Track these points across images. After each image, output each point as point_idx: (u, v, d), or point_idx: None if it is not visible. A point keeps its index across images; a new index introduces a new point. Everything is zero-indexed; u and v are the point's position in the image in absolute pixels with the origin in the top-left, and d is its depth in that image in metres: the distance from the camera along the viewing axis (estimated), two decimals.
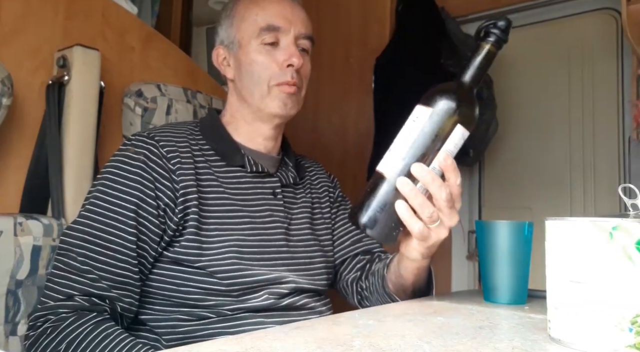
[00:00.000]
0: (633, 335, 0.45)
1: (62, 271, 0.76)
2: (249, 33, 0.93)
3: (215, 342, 0.49)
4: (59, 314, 0.74)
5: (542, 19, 1.97)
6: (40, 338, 0.73)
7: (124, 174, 0.83)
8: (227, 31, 0.96)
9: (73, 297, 0.75)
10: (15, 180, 1.00)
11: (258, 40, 0.92)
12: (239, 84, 0.96)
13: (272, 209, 0.93)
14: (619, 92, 1.85)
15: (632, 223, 0.46)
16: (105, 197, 0.81)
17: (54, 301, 0.75)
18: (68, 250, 0.77)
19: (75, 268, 0.76)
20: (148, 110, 1.12)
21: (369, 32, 1.99)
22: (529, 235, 0.79)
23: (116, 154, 0.87)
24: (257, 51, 0.92)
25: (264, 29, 0.92)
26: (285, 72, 0.91)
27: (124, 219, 0.79)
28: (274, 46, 0.92)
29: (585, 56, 1.94)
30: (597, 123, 1.91)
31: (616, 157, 1.84)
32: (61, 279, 0.76)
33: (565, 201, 1.93)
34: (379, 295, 0.95)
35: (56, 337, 0.71)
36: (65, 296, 0.75)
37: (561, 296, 0.50)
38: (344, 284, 1.05)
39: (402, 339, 0.52)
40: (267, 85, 0.92)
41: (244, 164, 0.93)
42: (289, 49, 0.92)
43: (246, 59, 0.93)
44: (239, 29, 0.94)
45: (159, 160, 0.85)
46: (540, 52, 2.01)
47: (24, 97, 1.01)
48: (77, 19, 1.10)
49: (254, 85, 0.93)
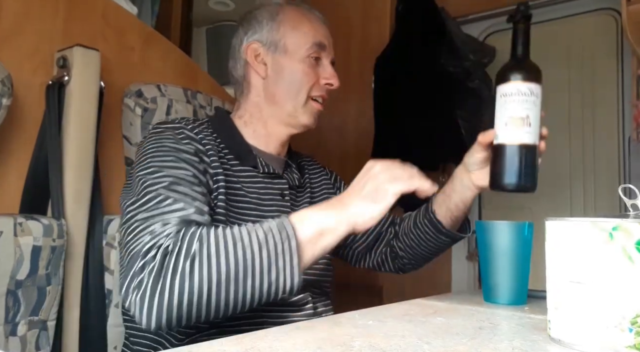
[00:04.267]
0: (633, 335, 0.45)
1: (154, 209, 0.74)
2: (301, 43, 0.98)
3: (215, 343, 0.50)
4: (175, 234, 0.70)
5: (542, 19, 1.97)
6: (175, 253, 0.68)
7: (172, 140, 0.85)
8: (271, 33, 1.00)
9: (180, 224, 0.73)
10: (15, 180, 1.00)
11: (307, 52, 0.98)
12: (272, 86, 0.99)
13: (280, 210, 0.96)
14: (619, 92, 1.85)
15: (632, 223, 0.46)
16: (164, 156, 0.82)
17: (157, 233, 0.71)
18: (152, 198, 0.76)
19: (166, 204, 0.75)
20: (148, 110, 1.12)
21: (369, 32, 1.99)
22: (529, 235, 0.79)
23: (151, 135, 0.88)
24: (305, 62, 0.98)
25: (316, 43, 0.99)
26: (322, 88, 1.00)
27: (189, 166, 0.82)
28: (317, 62, 1.00)
29: (585, 56, 1.94)
30: (597, 123, 1.91)
31: (616, 157, 1.84)
32: (156, 216, 0.74)
33: (565, 201, 1.93)
34: (431, 238, 1.04)
35: (204, 241, 0.68)
36: (170, 223, 0.72)
37: (561, 296, 0.50)
38: (377, 259, 1.14)
39: (402, 340, 0.52)
40: (307, 95, 0.98)
41: (256, 164, 0.95)
42: (330, 69, 1.01)
43: (291, 66, 0.98)
44: (286, 35, 0.99)
45: (197, 144, 0.88)
46: (540, 52, 2.01)
47: (24, 97, 1.01)
48: (77, 19, 1.10)
49: (293, 92, 0.97)
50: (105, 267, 1.04)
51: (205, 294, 0.66)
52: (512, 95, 0.81)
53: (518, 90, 0.81)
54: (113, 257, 1.05)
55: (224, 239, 0.69)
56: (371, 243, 1.14)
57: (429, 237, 1.04)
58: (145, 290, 0.66)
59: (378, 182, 0.78)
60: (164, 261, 0.67)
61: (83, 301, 1.01)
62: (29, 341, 0.90)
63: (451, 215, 1.01)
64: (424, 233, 1.04)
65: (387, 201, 0.76)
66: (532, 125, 0.81)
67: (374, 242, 1.14)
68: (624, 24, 1.31)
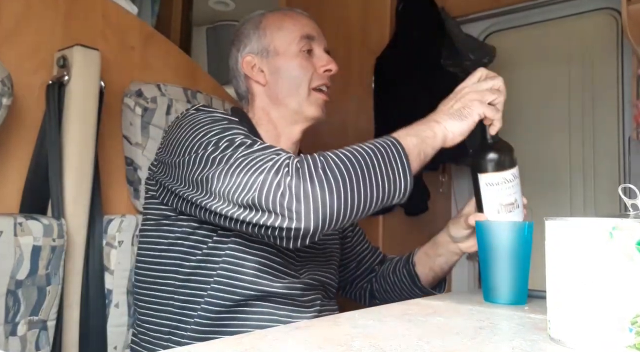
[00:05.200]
0: (633, 335, 0.45)
1: (251, 147, 0.78)
2: (288, 40, 1.00)
3: (215, 343, 0.49)
4: (294, 157, 0.76)
5: (542, 19, 1.97)
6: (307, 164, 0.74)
7: (218, 114, 0.87)
8: (259, 41, 1.02)
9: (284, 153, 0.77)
10: (15, 180, 1.00)
11: (297, 47, 1.00)
12: (274, 89, 1.00)
13: None
14: (619, 92, 1.85)
15: (632, 223, 0.46)
16: (221, 123, 0.84)
17: (274, 157, 0.75)
18: (249, 145, 0.79)
19: (267, 146, 0.79)
20: (148, 110, 1.12)
21: (369, 32, 1.99)
22: (529, 235, 0.79)
23: (195, 113, 0.88)
24: (298, 56, 1.00)
25: (303, 36, 1.01)
26: (322, 76, 1.01)
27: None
28: (310, 54, 1.01)
29: (585, 56, 1.94)
30: (597, 123, 1.91)
31: (616, 157, 1.84)
32: (260, 150, 0.77)
33: (565, 201, 1.93)
34: (405, 288, 1.08)
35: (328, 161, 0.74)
36: (277, 154, 0.76)
37: (561, 296, 0.50)
38: (356, 292, 1.19)
39: (402, 339, 0.52)
40: (308, 87, 0.99)
41: None
42: (325, 57, 1.02)
43: (286, 64, 1.00)
44: (274, 38, 1.01)
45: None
46: (540, 52, 2.01)
47: (24, 97, 1.01)
48: (77, 19, 1.10)
49: (294, 88, 0.99)
50: (105, 267, 1.04)
51: (342, 195, 0.72)
52: (500, 184, 0.86)
53: (504, 179, 0.86)
54: (113, 257, 1.05)
55: (338, 155, 0.76)
56: (357, 275, 1.17)
57: (404, 286, 1.09)
58: (291, 193, 0.71)
59: (465, 101, 0.84)
60: (299, 172, 0.72)
61: (83, 301, 1.01)
62: (29, 340, 0.90)
63: (434, 275, 1.07)
64: (400, 282, 1.09)
65: (472, 118, 0.83)
66: (519, 205, 0.87)
67: (360, 274, 1.17)
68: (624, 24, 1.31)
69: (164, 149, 0.89)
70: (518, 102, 2.03)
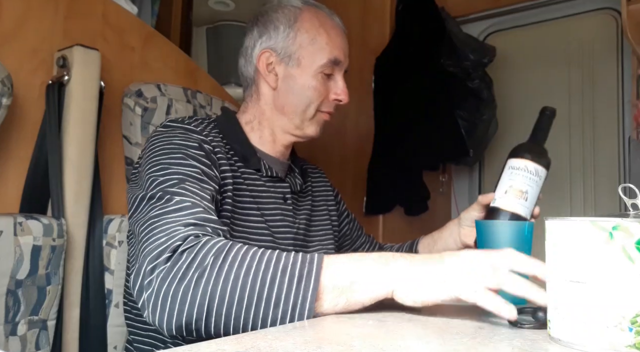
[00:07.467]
0: (633, 335, 0.45)
1: (165, 207, 0.72)
2: (316, 59, 0.96)
3: (215, 342, 0.49)
4: (195, 239, 0.66)
5: (542, 19, 1.97)
6: (190, 259, 0.64)
7: (180, 138, 0.84)
8: (286, 41, 0.96)
9: (195, 225, 0.70)
10: (15, 180, 1.00)
11: (321, 68, 0.96)
12: (282, 97, 0.97)
13: (283, 213, 0.96)
14: (619, 92, 1.85)
15: (632, 223, 0.46)
16: (173, 153, 0.81)
17: (172, 234, 0.67)
18: (162, 195, 0.74)
19: (176, 201, 0.73)
20: (148, 110, 1.12)
21: (369, 32, 1.99)
22: (529, 235, 0.79)
23: (160, 132, 0.86)
24: (316, 78, 0.96)
25: (331, 60, 0.97)
26: (331, 103, 1.00)
27: (198, 163, 0.81)
28: (329, 76, 0.98)
29: (585, 56, 1.94)
30: (597, 123, 1.91)
31: (616, 157, 1.84)
32: (170, 213, 0.71)
33: (565, 200, 1.93)
34: None
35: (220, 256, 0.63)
36: (184, 226, 0.69)
37: (561, 296, 0.50)
38: None
39: (402, 339, 0.52)
40: (315, 110, 0.97)
41: (260, 168, 0.95)
42: (341, 84, 1.00)
43: (302, 81, 0.96)
44: (302, 47, 0.96)
45: (206, 145, 0.86)
46: (540, 52, 2.01)
47: (24, 97, 1.01)
48: (77, 19, 1.10)
49: (302, 107, 0.96)
50: (105, 267, 1.04)
51: (205, 310, 0.62)
52: (519, 169, 0.87)
53: (525, 167, 0.87)
54: (113, 257, 1.05)
55: (240, 260, 0.63)
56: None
57: None
58: (152, 292, 0.64)
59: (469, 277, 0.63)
60: (174, 267, 0.64)
61: (83, 301, 1.01)
62: (29, 340, 0.90)
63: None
64: None
65: (448, 296, 0.63)
66: (528, 201, 0.87)
67: None
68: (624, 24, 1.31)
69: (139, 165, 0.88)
70: (518, 102, 2.03)
